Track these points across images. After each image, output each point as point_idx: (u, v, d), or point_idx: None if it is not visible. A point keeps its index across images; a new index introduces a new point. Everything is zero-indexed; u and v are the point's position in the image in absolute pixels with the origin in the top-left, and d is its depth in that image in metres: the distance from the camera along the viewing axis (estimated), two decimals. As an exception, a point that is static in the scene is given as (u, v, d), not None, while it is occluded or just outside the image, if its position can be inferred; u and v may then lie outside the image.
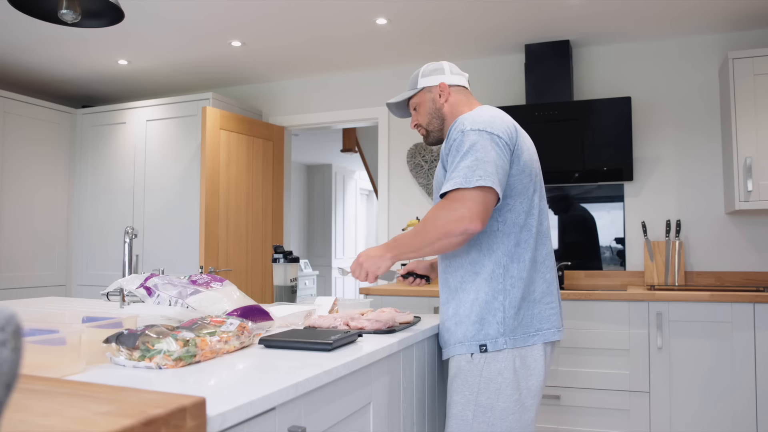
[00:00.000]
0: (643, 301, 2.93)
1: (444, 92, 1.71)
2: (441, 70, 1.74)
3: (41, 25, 3.32)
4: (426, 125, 1.75)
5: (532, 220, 1.56)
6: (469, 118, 1.54)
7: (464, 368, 1.54)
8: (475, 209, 1.42)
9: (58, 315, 1.36)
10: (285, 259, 2.07)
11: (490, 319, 1.52)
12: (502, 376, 1.51)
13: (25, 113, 4.26)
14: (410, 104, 1.79)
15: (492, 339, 1.52)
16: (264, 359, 1.22)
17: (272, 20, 3.33)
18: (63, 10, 1.80)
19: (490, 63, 3.99)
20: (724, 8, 3.16)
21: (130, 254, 2.14)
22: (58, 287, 4.49)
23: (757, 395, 2.76)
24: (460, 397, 1.53)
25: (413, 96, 1.77)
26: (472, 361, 1.53)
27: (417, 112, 1.77)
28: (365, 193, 9.45)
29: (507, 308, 1.52)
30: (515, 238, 1.54)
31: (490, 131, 1.50)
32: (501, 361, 1.51)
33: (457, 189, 1.45)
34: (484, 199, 1.44)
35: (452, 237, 1.44)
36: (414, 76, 1.77)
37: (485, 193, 1.44)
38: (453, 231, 1.43)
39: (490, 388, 1.51)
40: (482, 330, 1.52)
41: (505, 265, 1.53)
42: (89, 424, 0.58)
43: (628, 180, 3.46)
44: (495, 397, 1.50)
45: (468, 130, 1.51)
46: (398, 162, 4.20)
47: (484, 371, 1.51)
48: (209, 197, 3.86)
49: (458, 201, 1.44)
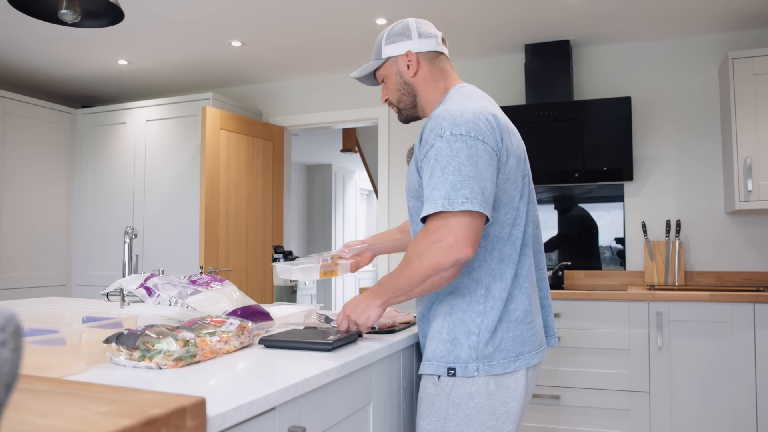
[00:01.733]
0: (643, 301, 2.93)
1: (413, 63, 1.45)
2: (407, 34, 1.45)
3: (41, 25, 3.32)
4: (396, 102, 1.51)
5: (516, 231, 1.37)
6: (448, 118, 1.29)
7: (430, 391, 1.36)
8: (462, 235, 1.22)
9: (58, 315, 1.36)
10: (285, 259, 2.07)
11: (462, 341, 1.33)
12: (473, 400, 1.32)
13: (25, 113, 4.26)
14: (377, 76, 1.53)
15: (462, 363, 1.33)
16: (264, 359, 1.22)
17: (272, 20, 3.33)
18: (63, 10, 1.80)
19: (490, 63, 3.99)
20: (724, 8, 3.16)
21: (130, 254, 2.14)
22: (58, 287, 4.49)
23: (757, 395, 2.76)
24: (427, 423, 1.36)
25: (378, 68, 1.51)
26: (438, 384, 1.35)
27: (385, 85, 1.51)
28: (365, 193, 9.45)
29: (482, 332, 1.33)
30: (498, 253, 1.35)
31: (475, 136, 1.26)
32: (471, 385, 1.32)
33: (439, 213, 1.24)
34: (472, 223, 1.23)
35: (443, 271, 1.24)
36: (378, 42, 1.50)
37: (472, 217, 1.23)
38: (442, 264, 1.23)
39: (459, 414, 1.32)
40: (453, 351, 1.34)
41: (486, 285, 1.35)
42: (89, 424, 0.58)
43: (628, 180, 3.46)
44: (465, 423, 1.32)
45: (447, 134, 1.27)
46: (398, 162, 4.20)
47: (452, 395, 1.33)
48: (209, 197, 3.86)
49: (442, 229, 1.23)
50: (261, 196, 4.37)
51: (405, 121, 1.55)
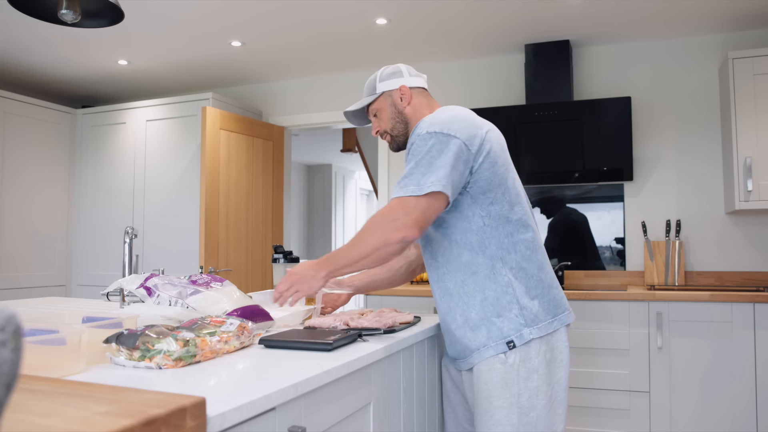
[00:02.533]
0: (643, 301, 2.93)
1: (405, 95, 1.66)
2: (399, 73, 1.69)
3: (41, 25, 3.32)
4: (390, 130, 1.70)
5: (518, 208, 1.54)
6: (427, 121, 1.52)
7: (499, 371, 1.48)
8: (413, 216, 1.41)
9: (58, 315, 1.36)
10: (285, 259, 2.07)
11: (507, 314, 1.48)
12: (538, 372, 1.48)
13: (25, 113, 4.26)
14: (370, 111, 1.73)
15: (516, 333, 1.47)
16: (264, 359, 1.22)
17: (272, 20, 3.33)
18: (63, 10, 1.80)
19: (489, 63, 3.99)
20: (724, 8, 3.16)
21: (130, 254, 2.14)
22: (58, 287, 4.49)
23: (757, 395, 2.76)
24: (503, 402, 1.47)
25: (373, 102, 1.71)
26: (507, 361, 1.47)
27: (378, 118, 1.71)
28: (365, 193, 9.45)
29: (520, 298, 1.49)
30: (503, 229, 1.51)
31: (447, 132, 1.47)
32: (534, 358, 1.48)
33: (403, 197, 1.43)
34: (428, 205, 1.42)
35: (390, 246, 1.42)
36: (371, 81, 1.71)
37: (431, 198, 1.42)
38: (390, 240, 1.41)
39: (530, 388, 1.47)
40: (503, 327, 1.48)
41: (501, 257, 1.50)
42: (89, 424, 0.59)
43: (628, 180, 3.46)
44: (535, 395, 1.47)
45: (424, 133, 1.48)
46: (398, 162, 4.20)
47: (521, 371, 1.47)
48: (209, 197, 3.86)
49: (399, 209, 1.42)
50: (261, 196, 4.37)
51: (397, 149, 1.73)
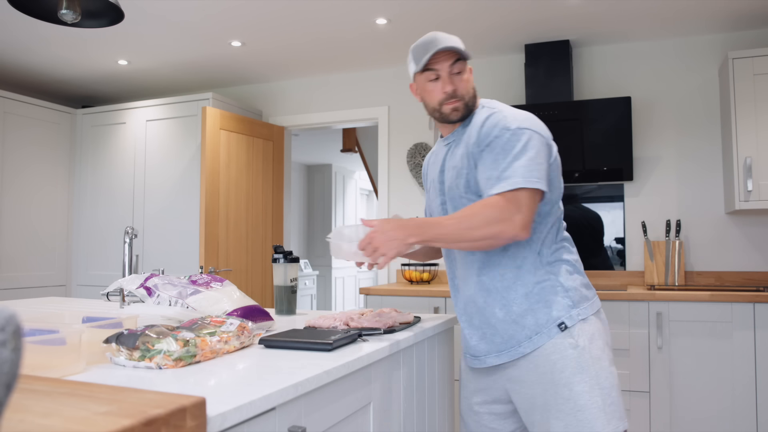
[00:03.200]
0: (643, 300, 2.93)
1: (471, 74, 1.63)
2: None
3: (41, 25, 3.32)
4: (464, 94, 1.57)
5: (556, 207, 1.58)
6: (509, 116, 1.50)
7: (572, 355, 1.46)
8: (528, 217, 1.40)
9: (58, 315, 1.36)
10: (285, 259, 2.07)
11: (554, 299, 1.49)
12: (604, 352, 1.49)
13: (25, 113, 4.26)
14: (455, 66, 1.56)
15: (566, 314, 1.48)
16: (264, 359, 1.22)
17: (272, 20, 3.33)
18: (63, 10, 1.80)
19: (489, 63, 3.99)
20: (724, 8, 3.16)
21: (130, 254, 2.14)
22: (58, 287, 4.49)
23: (757, 395, 2.76)
24: (584, 386, 1.44)
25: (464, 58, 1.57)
26: (578, 346, 1.46)
27: (460, 77, 1.57)
28: (365, 193, 9.45)
29: (564, 282, 1.51)
30: (544, 226, 1.54)
31: (536, 130, 1.48)
32: (598, 338, 1.49)
33: (514, 189, 1.39)
34: (535, 204, 1.43)
35: (499, 240, 1.40)
36: (457, 40, 1.58)
37: (536, 197, 1.43)
38: (502, 235, 1.38)
39: (604, 367, 1.47)
40: (551, 312, 1.48)
41: (539, 251, 1.53)
42: (89, 424, 0.59)
43: (628, 180, 3.46)
44: (609, 373, 1.48)
45: (515, 128, 1.46)
46: (398, 162, 4.20)
47: (593, 352, 1.47)
48: (209, 197, 3.86)
49: (514, 204, 1.38)
50: (261, 196, 4.37)
51: (458, 119, 1.60)
